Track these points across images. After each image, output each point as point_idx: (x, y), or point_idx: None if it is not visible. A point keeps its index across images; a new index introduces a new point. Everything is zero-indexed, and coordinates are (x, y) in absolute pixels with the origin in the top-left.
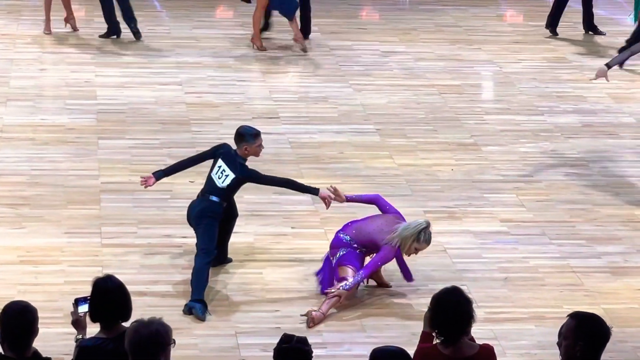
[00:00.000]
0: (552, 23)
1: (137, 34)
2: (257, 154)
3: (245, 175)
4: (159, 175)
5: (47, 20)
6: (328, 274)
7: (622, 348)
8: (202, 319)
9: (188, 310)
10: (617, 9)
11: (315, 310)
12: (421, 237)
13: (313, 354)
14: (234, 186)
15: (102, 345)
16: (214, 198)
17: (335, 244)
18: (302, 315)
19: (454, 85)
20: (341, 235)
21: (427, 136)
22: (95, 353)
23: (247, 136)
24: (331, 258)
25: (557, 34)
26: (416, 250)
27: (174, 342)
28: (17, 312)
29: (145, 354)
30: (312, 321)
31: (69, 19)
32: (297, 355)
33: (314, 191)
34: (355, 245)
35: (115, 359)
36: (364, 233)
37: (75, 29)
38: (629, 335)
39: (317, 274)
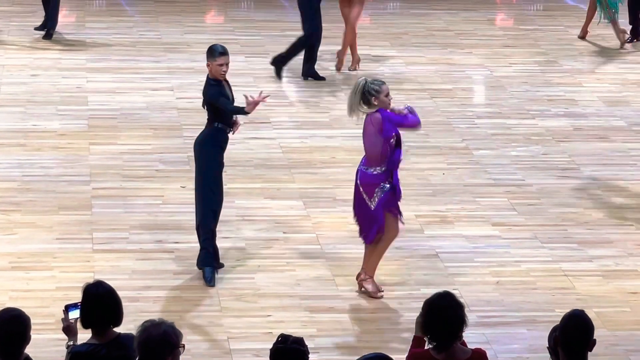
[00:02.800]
0: (634, 32)
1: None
2: (218, 74)
3: (206, 97)
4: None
5: None
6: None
7: (614, 351)
8: (210, 285)
9: (201, 267)
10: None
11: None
12: (368, 89)
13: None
14: (211, 108)
15: (94, 351)
16: (216, 124)
17: (367, 181)
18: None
19: (446, 90)
20: (363, 168)
21: (419, 140)
22: (88, 359)
23: (211, 51)
24: (373, 197)
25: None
26: (387, 97)
27: (184, 347)
28: (9, 319)
29: (152, 354)
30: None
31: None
32: (293, 356)
33: (242, 111)
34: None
35: None
36: (367, 148)
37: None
38: (620, 338)
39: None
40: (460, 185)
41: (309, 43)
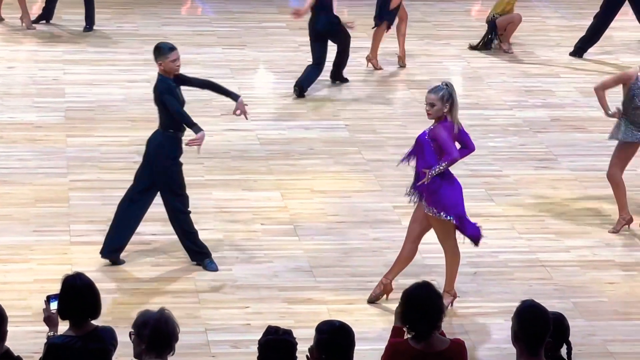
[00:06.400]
0: (582, 48)
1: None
2: (172, 71)
3: (157, 94)
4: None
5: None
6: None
7: (591, 341)
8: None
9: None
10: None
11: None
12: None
13: None
14: (163, 109)
15: (70, 343)
16: (170, 130)
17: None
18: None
19: (423, 81)
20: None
21: (397, 131)
22: (63, 351)
23: (159, 50)
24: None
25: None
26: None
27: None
28: None
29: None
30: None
31: (23, 17)
32: (283, 347)
33: (234, 96)
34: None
35: (83, 357)
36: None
37: (29, 27)
38: (598, 328)
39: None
40: None
41: (347, 49)
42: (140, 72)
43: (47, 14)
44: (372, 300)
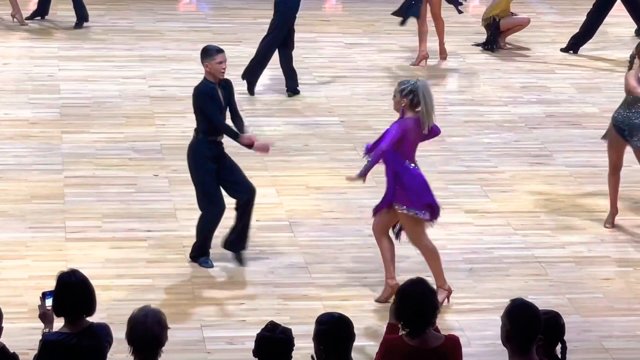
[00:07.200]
0: (576, 44)
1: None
2: (217, 73)
3: (196, 102)
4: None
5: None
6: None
7: (587, 337)
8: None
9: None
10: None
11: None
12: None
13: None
14: (195, 112)
15: (64, 340)
16: (200, 134)
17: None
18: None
19: (419, 77)
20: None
21: None
22: (58, 348)
23: (207, 51)
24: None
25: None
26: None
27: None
28: None
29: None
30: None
31: (15, 13)
32: (278, 345)
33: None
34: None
35: (77, 353)
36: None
37: (22, 23)
38: (593, 324)
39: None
40: (434, 172)
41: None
42: (135, 69)
43: (42, 10)
44: (382, 301)
